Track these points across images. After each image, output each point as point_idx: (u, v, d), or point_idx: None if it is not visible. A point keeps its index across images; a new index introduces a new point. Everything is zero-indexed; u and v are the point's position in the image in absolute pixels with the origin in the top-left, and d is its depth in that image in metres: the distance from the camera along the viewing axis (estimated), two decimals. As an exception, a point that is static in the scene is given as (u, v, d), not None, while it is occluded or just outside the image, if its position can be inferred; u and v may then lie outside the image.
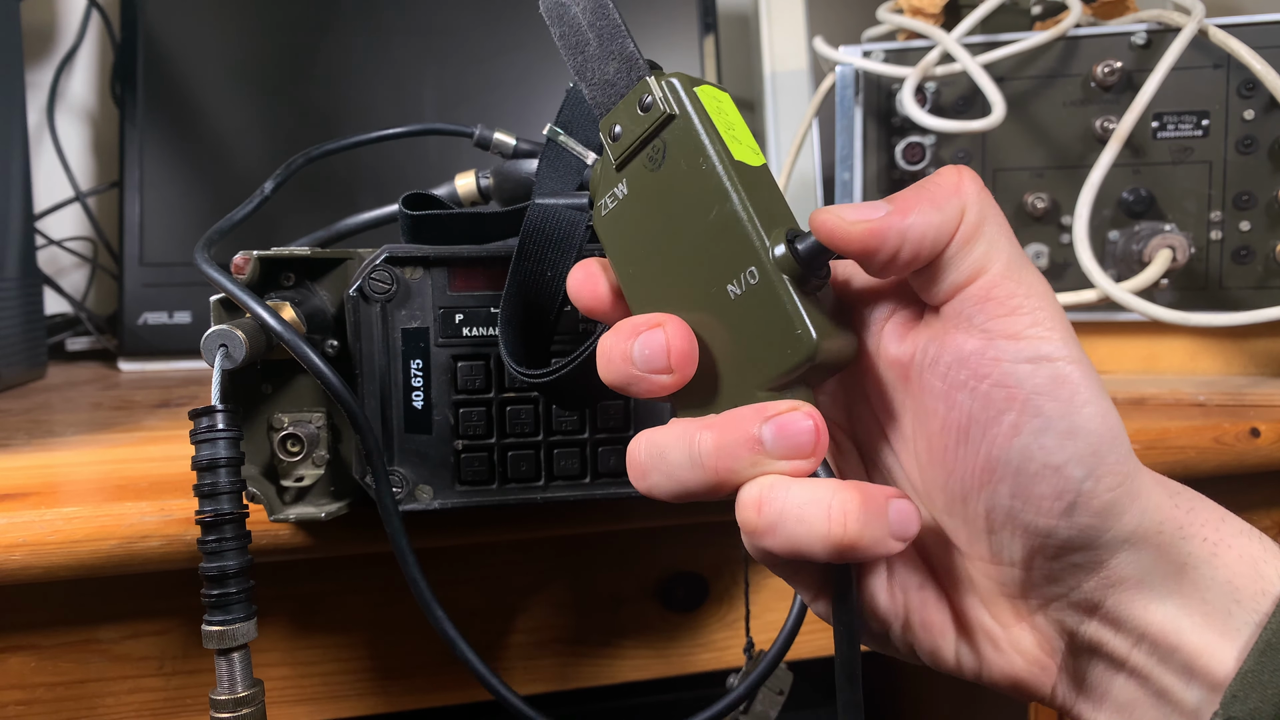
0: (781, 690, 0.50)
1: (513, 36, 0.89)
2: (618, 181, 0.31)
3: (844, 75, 0.66)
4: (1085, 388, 0.26)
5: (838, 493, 0.26)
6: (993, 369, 0.26)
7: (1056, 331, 0.26)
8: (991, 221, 0.27)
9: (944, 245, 0.27)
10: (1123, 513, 0.26)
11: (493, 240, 0.41)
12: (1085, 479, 0.26)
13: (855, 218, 0.27)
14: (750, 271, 0.28)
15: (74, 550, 0.40)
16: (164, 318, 0.84)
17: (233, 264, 0.38)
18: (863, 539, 0.26)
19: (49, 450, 0.51)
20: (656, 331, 0.28)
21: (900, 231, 0.26)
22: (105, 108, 0.97)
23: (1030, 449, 0.26)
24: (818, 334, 0.27)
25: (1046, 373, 0.26)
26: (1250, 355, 0.63)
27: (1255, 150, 0.60)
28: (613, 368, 0.29)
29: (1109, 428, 0.26)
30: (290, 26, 0.88)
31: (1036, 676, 0.29)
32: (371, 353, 0.38)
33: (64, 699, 0.44)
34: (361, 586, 0.47)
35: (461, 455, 0.39)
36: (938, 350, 0.28)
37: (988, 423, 0.27)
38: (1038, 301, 0.27)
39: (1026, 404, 0.26)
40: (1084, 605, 0.28)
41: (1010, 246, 0.27)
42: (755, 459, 0.27)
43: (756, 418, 0.27)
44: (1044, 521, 0.27)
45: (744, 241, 0.28)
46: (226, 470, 0.34)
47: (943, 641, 0.30)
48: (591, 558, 0.50)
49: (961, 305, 0.27)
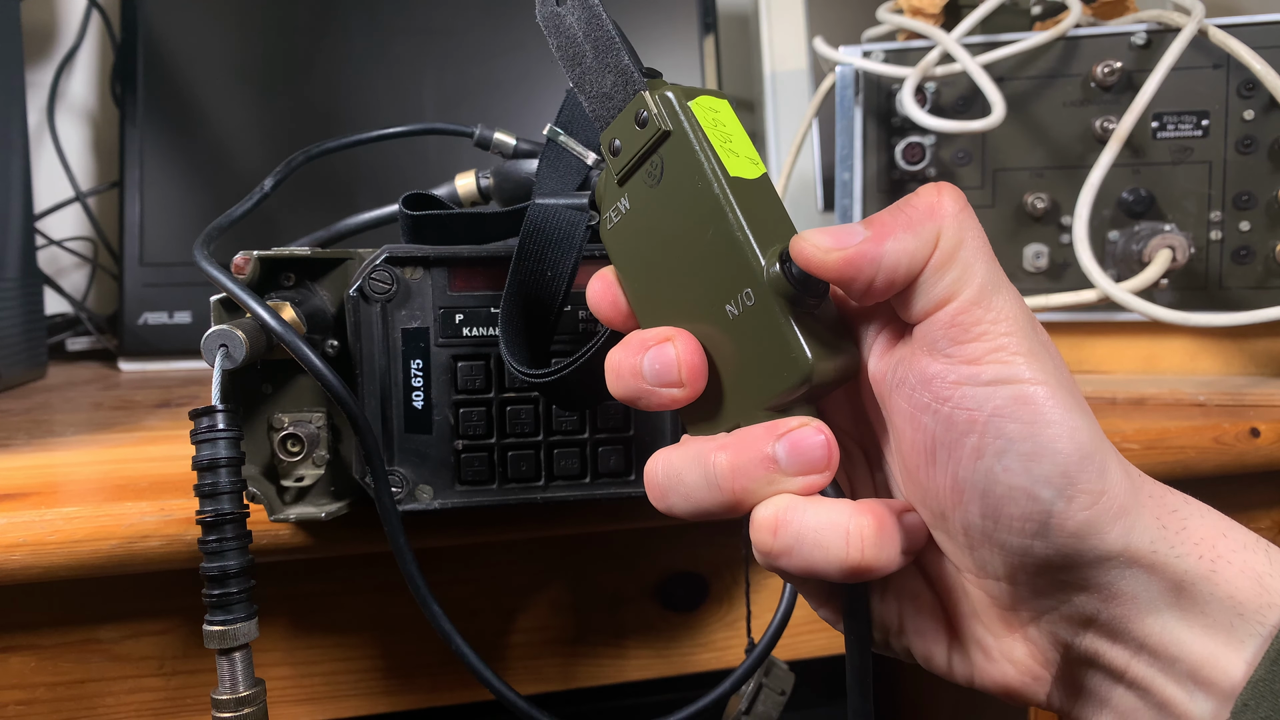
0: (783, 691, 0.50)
1: (513, 36, 0.89)
2: (620, 195, 0.31)
3: (844, 75, 0.66)
4: (1052, 407, 0.26)
5: (854, 517, 0.27)
6: (953, 392, 0.26)
7: (1020, 355, 0.26)
8: (968, 245, 0.27)
9: (918, 271, 0.27)
10: (1103, 531, 0.26)
11: (493, 240, 0.41)
12: (1055, 500, 0.26)
13: (830, 245, 0.26)
14: (746, 293, 0.28)
15: (74, 550, 0.40)
16: (164, 318, 0.84)
17: (233, 264, 0.38)
18: (879, 561, 0.27)
19: (49, 450, 0.51)
20: (667, 346, 0.29)
21: (875, 260, 0.26)
22: (105, 108, 0.97)
23: (994, 471, 0.26)
24: (813, 356, 0.27)
25: (1007, 394, 0.26)
26: (1250, 355, 0.63)
27: (1255, 150, 0.60)
28: (622, 382, 0.29)
29: (1078, 446, 0.26)
30: (290, 26, 0.88)
31: (1029, 685, 0.29)
32: (371, 353, 0.38)
33: (64, 699, 0.44)
34: (362, 586, 0.47)
35: (461, 455, 0.39)
36: (904, 371, 0.28)
37: (951, 445, 0.27)
38: (1005, 327, 0.26)
39: (987, 426, 0.26)
40: (1077, 619, 0.28)
41: (985, 271, 0.27)
42: (770, 477, 0.27)
43: (769, 436, 0.27)
44: (1018, 541, 0.26)
45: (739, 263, 0.28)
46: (227, 470, 0.34)
47: (936, 648, 0.30)
48: (591, 558, 0.50)
49: (929, 329, 0.27)
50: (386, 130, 0.56)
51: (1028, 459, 0.26)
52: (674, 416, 0.41)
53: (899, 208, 0.27)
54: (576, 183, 0.40)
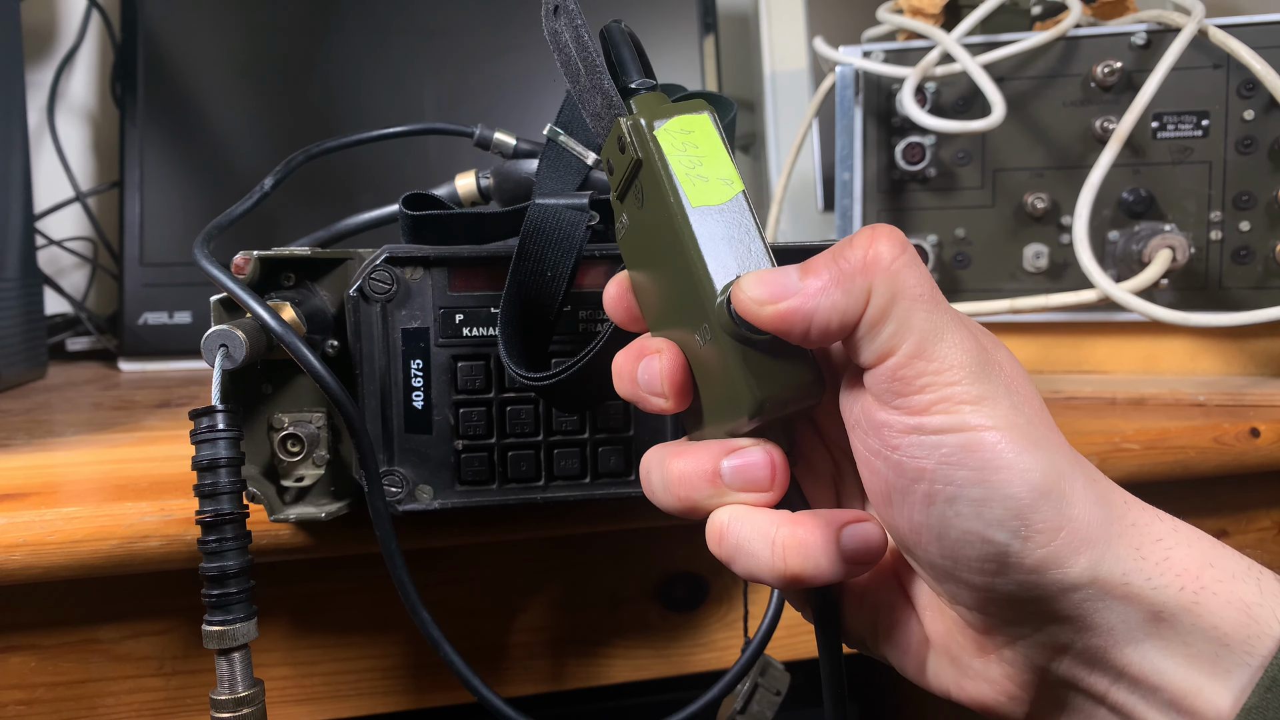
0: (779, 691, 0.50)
1: (513, 36, 0.89)
2: (621, 211, 0.32)
3: (844, 75, 0.66)
4: (1005, 450, 0.25)
5: (782, 527, 0.28)
6: (900, 440, 0.26)
7: (967, 404, 0.26)
8: (903, 297, 0.26)
9: (851, 326, 0.27)
10: (1065, 564, 0.25)
11: (493, 240, 0.41)
12: (1010, 540, 0.25)
13: (764, 298, 0.26)
14: (704, 327, 0.28)
15: (74, 550, 0.40)
16: (164, 318, 0.84)
17: (233, 264, 0.38)
18: (805, 570, 0.27)
19: (49, 450, 0.51)
20: (654, 358, 0.30)
21: (805, 317, 0.26)
22: (105, 108, 0.97)
23: (946, 517, 0.26)
24: (759, 394, 0.27)
25: (955, 442, 0.26)
26: (1250, 355, 0.63)
27: (1255, 150, 0.60)
28: (622, 384, 0.31)
29: (1031, 486, 0.25)
30: (290, 26, 0.88)
31: (1005, 705, 0.29)
32: (372, 353, 0.38)
33: (64, 699, 0.44)
34: (361, 586, 0.47)
35: (461, 455, 0.39)
36: (858, 414, 0.28)
37: (904, 490, 0.27)
38: (951, 376, 0.26)
39: (936, 474, 0.26)
40: (1052, 646, 0.27)
41: (924, 321, 0.26)
42: (715, 491, 0.29)
43: (720, 452, 0.29)
44: (980, 580, 0.26)
45: (696, 297, 0.28)
46: (227, 470, 0.34)
47: (912, 659, 0.31)
48: (591, 558, 0.50)
49: (875, 380, 0.27)
50: (386, 130, 0.56)
51: (978, 504, 0.25)
52: (674, 418, 0.41)
53: (834, 257, 0.27)
54: (576, 183, 0.40)
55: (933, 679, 0.30)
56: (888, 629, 0.31)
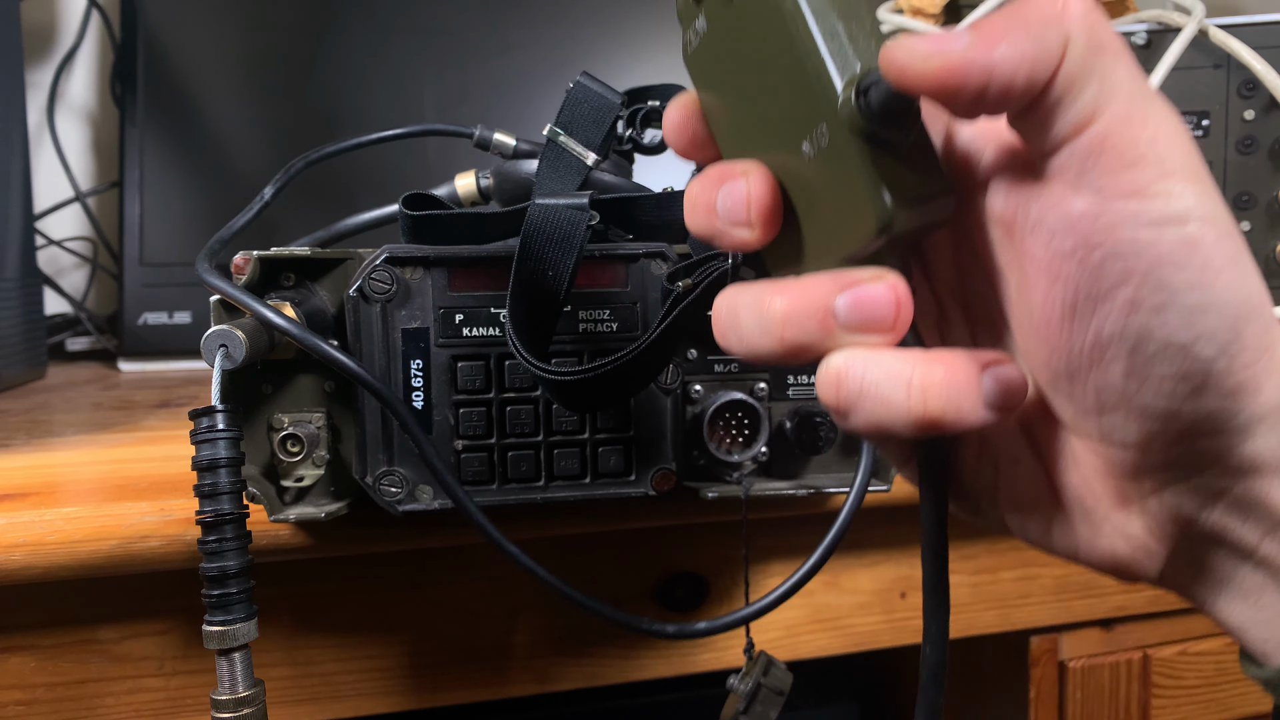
0: (781, 691, 0.50)
1: (513, 36, 0.89)
2: (697, 15, 0.27)
3: (844, 75, 0.66)
4: (1221, 251, 0.22)
5: (919, 365, 0.24)
6: (1106, 237, 0.22)
7: (1190, 184, 0.22)
8: (1107, 51, 0.22)
9: (1043, 84, 0.22)
10: (1259, 390, 0.23)
11: (493, 240, 0.41)
12: (1217, 357, 0.22)
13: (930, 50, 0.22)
14: (821, 129, 0.24)
15: (74, 550, 0.40)
16: (164, 318, 0.84)
17: (233, 264, 0.38)
18: (947, 414, 0.23)
19: (49, 450, 0.51)
20: (739, 181, 0.26)
21: (984, 68, 0.21)
22: (105, 108, 0.97)
23: (1150, 327, 0.22)
24: (894, 203, 0.23)
25: (1174, 237, 0.22)
26: (1250, 355, 0.63)
27: (1255, 150, 0.60)
28: (697, 218, 0.27)
29: (1247, 296, 0.22)
30: (290, 27, 0.88)
31: (1140, 561, 0.26)
32: (371, 353, 0.38)
33: (64, 699, 0.44)
34: (361, 586, 0.47)
35: (462, 455, 0.39)
36: (1041, 212, 0.23)
37: (1099, 298, 0.23)
38: (1166, 147, 0.22)
39: (1147, 277, 0.22)
40: (1207, 491, 0.24)
41: (1131, 81, 0.22)
42: (828, 331, 0.24)
43: (833, 286, 0.24)
44: (1164, 404, 0.23)
45: (812, 93, 0.24)
46: (226, 470, 0.34)
47: (1035, 519, 0.27)
48: (591, 558, 0.50)
49: (1070, 159, 0.22)
50: (386, 132, 0.56)
51: (1192, 313, 0.22)
52: (675, 417, 0.41)
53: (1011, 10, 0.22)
54: (577, 183, 0.40)
55: (1059, 539, 0.27)
56: (1009, 486, 0.27)
